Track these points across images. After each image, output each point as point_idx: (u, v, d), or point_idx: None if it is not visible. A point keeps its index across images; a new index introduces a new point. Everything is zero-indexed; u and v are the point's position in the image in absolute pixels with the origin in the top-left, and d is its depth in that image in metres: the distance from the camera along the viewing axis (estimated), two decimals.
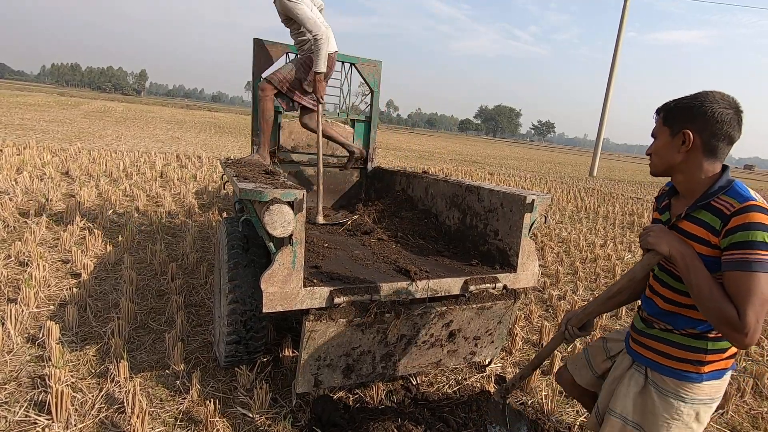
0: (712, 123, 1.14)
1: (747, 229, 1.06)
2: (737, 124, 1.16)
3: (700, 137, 1.16)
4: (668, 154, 1.22)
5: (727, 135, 1.15)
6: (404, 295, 1.94)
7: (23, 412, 1.86)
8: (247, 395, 2.10)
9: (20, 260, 3.33)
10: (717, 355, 1.23)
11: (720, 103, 1.15)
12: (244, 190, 1.70)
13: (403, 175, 3.63)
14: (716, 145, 1.16)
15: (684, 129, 1.18)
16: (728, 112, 1.14)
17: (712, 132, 1.15)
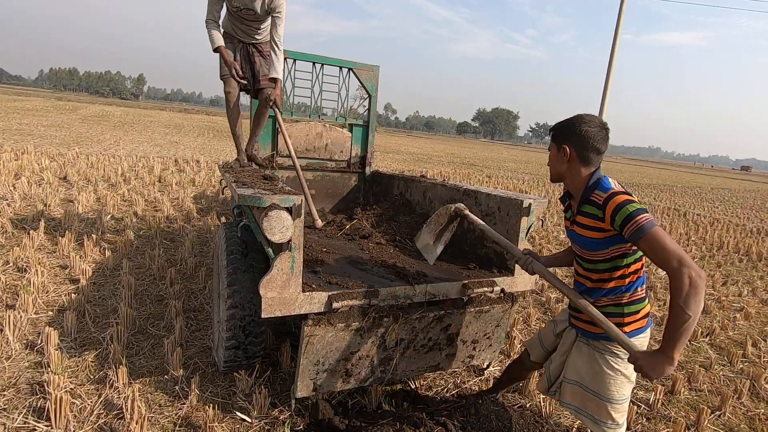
0: (581, 138, 1.52)
1: (620, 209, 1.40)
2: (602, 139, 1.53)
3: (574, 150, 1.54)
4: (557, 164, 1.60)
5: (594, 148, 1.53)
6: (402, 300, 1.95)
7: (22, 418, 1.86)
8: (246, 400, 2.11)
9: (18, 266, 3.32)
10: (633, 317, 1.54)
11: (588, 123, 1.52)
12: (242, 195, 1.72)
13: (401, 179, 3.65)
14: (587, 156, 1.53)
15: (563, 144, 1.56)
16: (594, 130, 1.52)
17: (583, 146, 1.53)
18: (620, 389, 1.57)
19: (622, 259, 1.52)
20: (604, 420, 1.59)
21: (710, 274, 5.31)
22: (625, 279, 1.54)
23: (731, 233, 8.26)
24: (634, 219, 1.36)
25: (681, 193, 16.43)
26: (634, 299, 1.55)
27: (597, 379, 1.59)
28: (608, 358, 1.57)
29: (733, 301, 4.47)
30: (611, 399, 1.57)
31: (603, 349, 1.58)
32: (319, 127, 3.90)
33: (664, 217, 9.36)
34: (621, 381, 1.57)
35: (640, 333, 1.55)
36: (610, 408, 1.57)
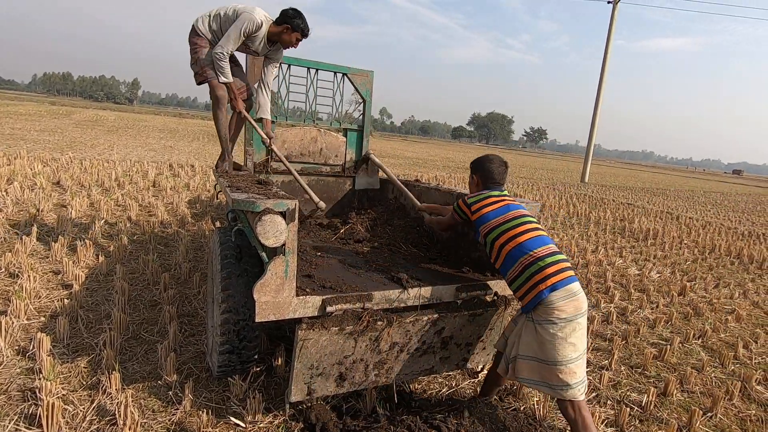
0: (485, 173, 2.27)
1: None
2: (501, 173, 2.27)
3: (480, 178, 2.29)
4: (471, 185, 2.36)
5: (493, 179, 2.26)
6: (396, 303, 1.96)
7: (13, 425, 1.85)
8: (240, 405, 2.10)
9: (10, 271, 3.30)
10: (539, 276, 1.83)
11: (490, 163, 2.27)
12: (236, 200, 1.72)
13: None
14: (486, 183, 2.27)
15: (473, 175, 2.32)
16: (494, 167, 2.26)
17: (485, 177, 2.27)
18: (561, 351, 1.79)
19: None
20: (557, 384, 1.80)
21: (702, 276, 5.36)
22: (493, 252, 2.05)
23: (723, 236, 8.34)
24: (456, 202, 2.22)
25: (674, 197, 16.58)
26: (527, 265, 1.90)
27: (542, 348, 1.82)
28: (545, 326, 1.81)
29: (724, 303, 4.51)
30: (557, 362, 1.79)
31: (538, 319, 1.84)
32: (313, 132, 3.92)
33: (657, 220, 9.45)
34: (560, 343, 1.79)
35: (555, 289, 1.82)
36: (557, 371, 1.79)
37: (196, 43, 3.13)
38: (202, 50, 3.12)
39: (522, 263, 1.88)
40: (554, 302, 1.79)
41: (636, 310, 4.03)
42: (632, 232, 7.74)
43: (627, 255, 5.97)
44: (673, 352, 3.21)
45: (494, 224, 2.03)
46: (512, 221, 2.01)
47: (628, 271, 5.20)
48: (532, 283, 1.84)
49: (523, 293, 1.89)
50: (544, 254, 1.88)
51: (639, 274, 5.15)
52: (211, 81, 3.14)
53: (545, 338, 1.81)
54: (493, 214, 2.06)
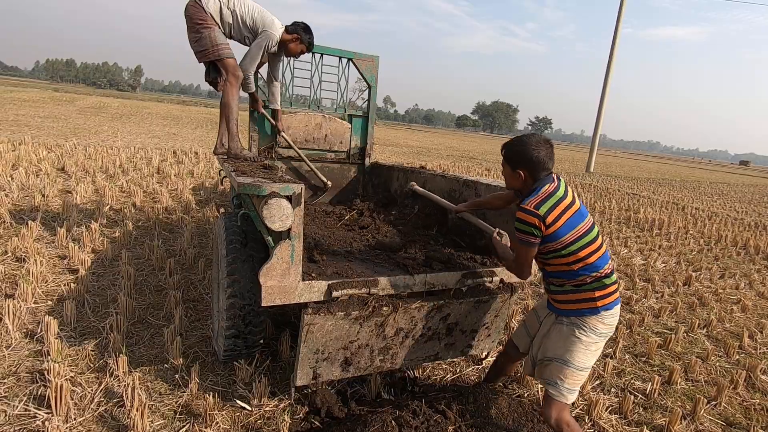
0: (534, 164, 1.76)
1: (515, 220, 1.73)
2: (549, 159, 1.77)
3: (527, 172, 1.78)
4: (512, 181, 1.87)
5: (543, 167, 1.76)
6: (402, 289, 1.95)
7: (23, 406, 1.87)
8: (246, 389, 2.12)
9: (17, 256, 3.32)
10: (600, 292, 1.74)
11: (537, 149, 1.75)
12: (242, 184, 1.71)
13: (401, 170, 3.64)
14: (538, 175, 1.77)
15: (518, 170, 1.80)
16: (542, 154, 1.75)
17: (534, 169, 1.77)
18: (587, 358, 1.77)
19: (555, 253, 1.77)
20: (572, 387, 1.78)
21: (708, 267, 5.33)
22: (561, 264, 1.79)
23: (729, 227, 8.28)
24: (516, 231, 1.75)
25: (680, 187, 16.45)
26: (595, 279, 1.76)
27: (569, 348, 1.77)
28: (586, 331, 1.76)
29: (730, 293, 4.49)
30: (577, 366, 1.76)
31: (581, 324, 1.77)
32: (318, 118, 3.88)
33: (663, 211, 9.38)
34: (590, 351, 1.77)
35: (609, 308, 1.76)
36: (579, 376, 1.77)
37: (203, 19, 2.93)
38: (212, 28, 2.94)
39: (583, 280, 1.73)
40: (603, 318, 1.75)
41: (641, 299, 4.02)
42: (637, 222, 7.69)
43: (632, 245, 5.94)
44: (677, 342, 3.20)
45: (565, 242, 1.69)
46: (585, 237, 1.71)
47: (633, 261, 5.18)
48: (589, 297, 1.74)
49: (573, 300, 1.77)
50: (608, 272, 1.75)
51: (644, 264, 5.13)
52: (226, 60, 2.99)
53: (578, 341, 1.76)
54: (566, 229, 1.68)
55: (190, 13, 2.95)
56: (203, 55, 2.99)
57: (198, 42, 2.97)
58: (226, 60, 2.99)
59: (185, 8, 2.96)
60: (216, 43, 2.95)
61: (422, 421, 1.83)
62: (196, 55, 3.03)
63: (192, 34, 2.97)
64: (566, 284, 1.79)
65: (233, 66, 3.01)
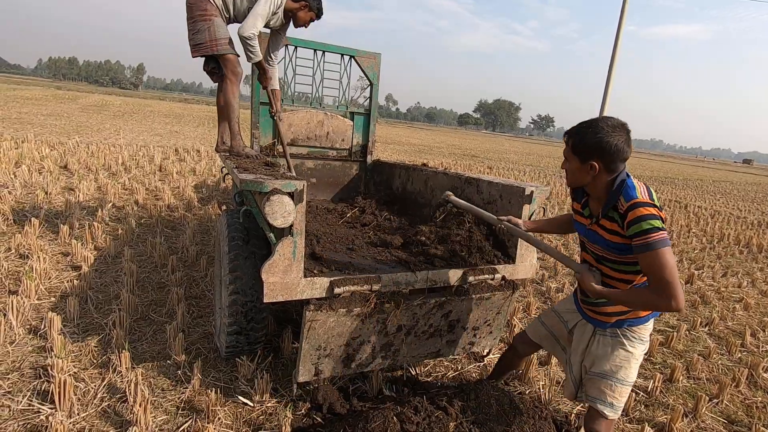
0: (611, 153, 1.47)
1: (638, 222, 1.40)
2: (629, 146, 1.49)
3: (603, 164, 1.50)
4: (581, 176, 1.56)
5: (623, 158, 1.50)
6: (404, 286, 1.96)
7: (26, 401, 1.88)
8: (248, 385, 2.13)
9: (20, 253, 3.33)
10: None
11: (614, 135, 1.46)
12: (244, 180, 1.71)
13: (403, 167, 3.64)
14: (615, 167, 1.50)
15: (591, 161, 1.51)
16: (621, 141, 1.47)
17: (612, 160, 1.49)
18: (632, 372, 1.66)
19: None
20: (616, 402, 1.66)
21: (710, 265, 5.32)
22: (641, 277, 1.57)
23: (732, 225, 8.26)
24: (646, 235, 1.38)
25: (683, 186, 16.40)
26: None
27: (622, 365, 1.64)
28: (635, 343, 1.64)
29: (732, 292, 4.48)
30: (627, 381, 1.65)
31: (630, 335, 1.64)
32: (320, 116, 3.88)
33: (666, 209, 9.35)
34: (634, 364, 1.65)
35: (655, 315, 1.65)
36: (624, 389, 1.66)
37: (204, 9, 2.77)
38: (213, 19, 2.79)
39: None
40: (648, 324, 1.65)
41: None
42: None
43: None
44: (679, 340, 3.20)
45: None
46: None
47: None
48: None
49: (623, 311, 1.63)
50: None
51: None
52: (227, 55, 2.88)
53: (623, 354, 1.64)
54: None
55: (190, 2, 2.82)
56: (200, 49, 2.86)
57: (196, 34, 2.82)
58: (226, 56, 2.88)
59: None
60: (215, 38, 2.82)
61: (424, 418, 1.83)
62: (191, 48, 2.88)
63: (190, 25, 2.83)
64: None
65: (233, 62, 2.92)
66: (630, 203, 1.43)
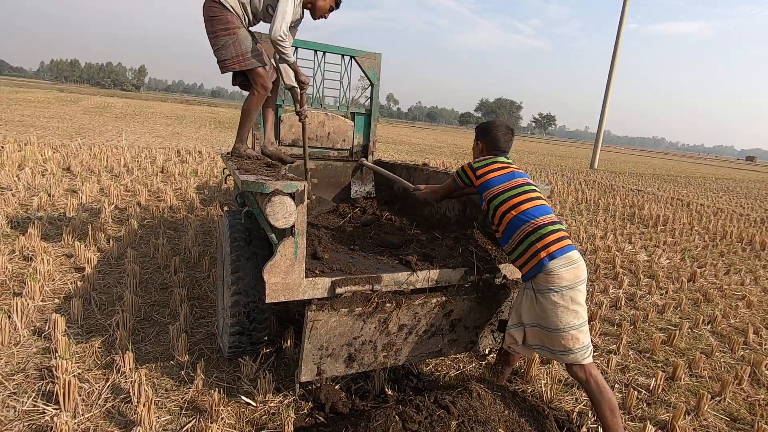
0: (492, 139, 2.24)
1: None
2: (506, 140, 2.24)
3: (485, 145, 2.27)
4: (474, 150, 2.36)
5: (497, 147, 2.24)
6: (405, 286, 1.96)
7: (31, 402, 1.90)
8: (251, 385, 2.14)
9: (24, 255, 3.35)
10: (540, 243, 1.85)
11: (498, 129, 2.25)
12: (246, 182, 1.72)
13: (404, 167, 3.65)
14: (492, 152, 2.25)
15: (479, 141, 2.31)
16: (500, 134, 2.24)
17: (491, 144, 2.25)
18: (564, 319, 1.81)
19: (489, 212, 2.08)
20: (560, 349, 1.83)
21: (713, 263, 5.31)
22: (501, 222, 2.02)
23: (735, 223, 8.23)
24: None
25: (685, 183, 16.35)
26: (530, 231, 1.90)
27: (544, 315, 1.84)
28: (546, 294, 1.82)
29: (735, 289, 4.47)
30: (559, 329, 1.81)
31: (540, 288, 1.84)
32: (321, 116, 3.89)
33: (668, 207, 9.34)
34: (561, 311, 1.81)
35: (553, 257, 1.83)
36: (560, 338, 1.81)
37: (229, 21, 2.59)
38: (237, 32, 2.63)
39: (523, 230, 1.89)
40: (554, 270, 1.81)
41: (645, 295, 4.01)
42: (642, 218, 7.66)
43: (636, 241, 5.92)
44: (681, 338, 3.20)
45: (498, 191, 2.02)
46: (516, 188, 2.01)
47: (637, 257, 5.16)
48: (533, 251, 1.86)
49: (523, 261, 1.90)
50: (545, 222, 1.89)
51: (648, 260, 5.11)
52: (256, 69, 2.73)
53: (547, 306, 1.82)
54: (498, 180, 2.04)
55: (210, 15, 2.62)
56: (227, 65, 2.71)
57: (221, 50, 2.66)
58: (256, 70, 2.74)
59: (203, 7, 2.65)
60: (241, 52, 2.66)
61: (426, 416, 1.83)
62: (218, 63, 2.73)
63: (212, 39, 2.66)
64: (514, 245, 1.93)
65: (263, 77, 2.79)
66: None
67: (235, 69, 2.74)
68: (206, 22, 2.65)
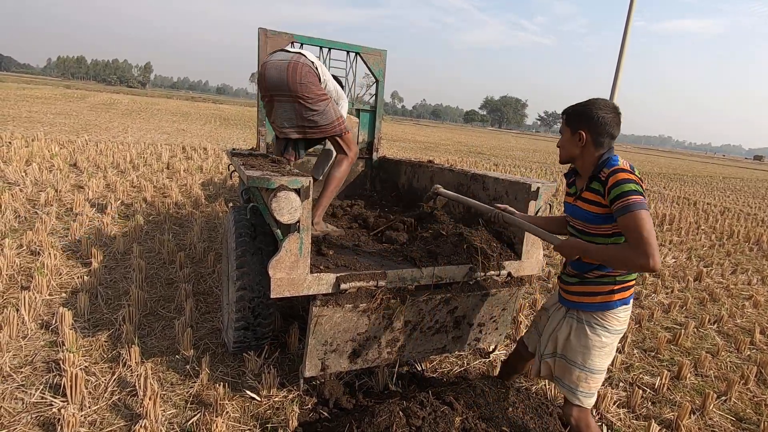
0: (597, 123, 1.56)
1: (618, 185, 1.46)
2: (616, 124, 1.58)
3: (590, 135, 1.58)
4: (570, 148, 1.65)
5: (609, 133, 1.58)
6: (409, 282, 1.96)
7: (39, 394, 1.92)
8: (256, 380, 2.15)
9: (32, 249, 3.39)
10: (622, 286, 1.61)
11: (603, 109, 1.57)
12: (251, 177, 1.73)
13: (408, 164, 3.64)
14: (602, 141, 1.59)
15: (579, 130, 1.60)
16: (609, 116, 1.57)
17: (598, 132, 1.57)
18: (603, 361, 1.66)
19: (621, 237, 1.55)
20: (582, 389, 1.67)
21: (719, 262, 5.27)
22: None
23: (742, 222, 8.16)
24: (626, 197, 1.43)
25: (692, 183, 16.22)
26: (624, 273, 1.61)
27: (585, 351, 1.65)
28: (599, 331, 1.63)
29: (742, 289, 4.44)
30: (593, 370, 1.65)
31: (594, 322, 1.64)
32: None
33: (674, 206, 9.27)
34: (606, 353, 1.65)
35: (626, 303, 1.63)
36: (590, 378, 1.66)
37: (324, 87, 2.50)
38: (331, 97, 2.56)
39: (613, 271, 1.62)
40: (618, 313, 1.62)
41: (650, 294, 3.99)
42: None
43: None
44: (687, 337, 3.18)
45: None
46: None
47: None
48: (610, 290, 1.61)
49: (591, 293, 1.65)
50: None
51: None
52: (347, 134, 2.60)
53: (594, 344, 1.63)
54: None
55: (308, 81, 2.39)
56: (326, 130, 2.50)
57: (321, 116, 2.46)
58: (348, 135, 2.59)
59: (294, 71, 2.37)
60: (340, 116, 2.52)
61: (429, 413, 1.84)
62: (314, 129, 2.48)
63: (309, 104, 2.42)
64: (591, 275, 1.64)
65: (352, 140, 2.64)
66: (611, 170, 1.51)
67: (334, 133, 2.55)
68: (300, 87, 2.39)
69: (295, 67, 2.38)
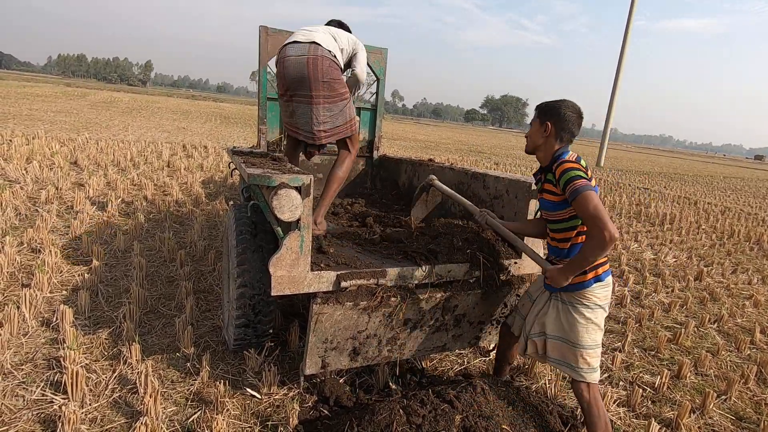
0: (563, 121, 1.80)
1: (563, 174, 1.68)
2: (577, 125, 1.82)
3: (554, 128, 1.80)
4: (536, 137, 1.86)
5: (570, 130, 1.81)
6: (410, 280, 1.96)
7: (40, 391, 1.92)
8: (256, 377, 2.15)
9: (32, 247, 3.39)
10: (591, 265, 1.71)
11: (570, 109, 1.81)
12: (252, 175, 1.73)
13: (409, 163, 3.64)
14: (563, 135, 1.81)
15: (547, 121, 1.82)
16: (574, 116, 1.80)
17: (562, 127, 1.80)
18: (592, 336, 1.79)
19: (577, 219, 1.74)
20: (581, 366, 1.79)
21: (720, 262, 5.27)
22: (583, 236, 1.78)
23: (743, 222, 8.16)
24: (572, 182, 1.64)
25: (692, 182, 16.21)
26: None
27: (572, 330, 1.80)
28: (580, 309, 1.78)
29: (742, 288, 4.44)
30: (585, 346, 1.78)
31: (575, 302, 1.79)
32: None
33: (675, 205, 9.26)
34: (592, 328, 1.78)
35: (600, 280, 1.76)
36: (585, 354, 1.78)
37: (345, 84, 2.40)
38: (350, 98, 2.45)
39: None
40: (595, 290, 1.76)
41: (650, 294, 3.99)
42: (648, 216, 7.60)
43: (642, 239, 5.88)
44: (687, 336, 3.18)
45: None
46: None
47: (643, 256, 5.13)
48: (596, 265, 1.74)
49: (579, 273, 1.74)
50: None
51: (654, 259, 5.08)
52: (355, 135, 2.52)
53: (579, 321, 1.77)
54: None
55: (333, 78, 2.29)
56: (338, 131, 2.43)
57: (336, 117, 2.40)
58: (354, 136, 2.54)
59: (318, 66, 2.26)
60: (352, 117, 2.46)
61: (430, 410, 1.84)
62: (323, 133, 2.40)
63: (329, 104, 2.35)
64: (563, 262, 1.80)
65: (357, 141, 2.62)
66: (558, 162, 1.74)
67: (347, 135, 2.49)
68: (323, 85, 2.29)
69: (315, 62, 2.26)
